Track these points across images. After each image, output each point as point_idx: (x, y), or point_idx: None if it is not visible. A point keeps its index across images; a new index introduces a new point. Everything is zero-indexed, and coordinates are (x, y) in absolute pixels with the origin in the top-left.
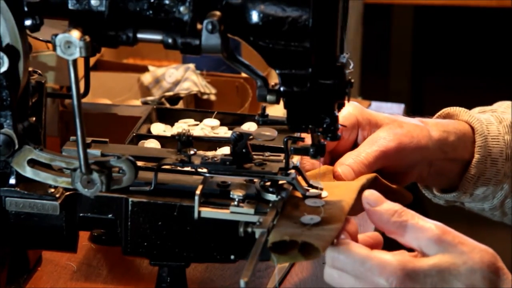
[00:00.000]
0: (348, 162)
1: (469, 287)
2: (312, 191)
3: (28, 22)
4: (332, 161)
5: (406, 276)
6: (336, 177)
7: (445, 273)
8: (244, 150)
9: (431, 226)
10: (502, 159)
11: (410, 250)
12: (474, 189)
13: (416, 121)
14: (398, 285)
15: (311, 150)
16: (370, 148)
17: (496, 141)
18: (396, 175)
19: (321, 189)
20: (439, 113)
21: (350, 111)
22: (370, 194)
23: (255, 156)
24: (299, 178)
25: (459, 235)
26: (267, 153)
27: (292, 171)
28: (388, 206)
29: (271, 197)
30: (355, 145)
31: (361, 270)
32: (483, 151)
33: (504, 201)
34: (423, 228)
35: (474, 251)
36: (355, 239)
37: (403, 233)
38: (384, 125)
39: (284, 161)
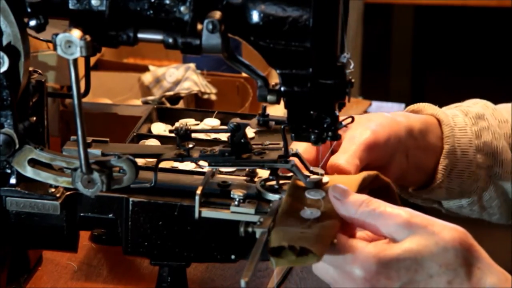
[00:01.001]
0: (341, 161)
1: (443, 266)
2: (313, 177)
3: (32, 23)
4: None
5: (379, 263)
6: (336, 170)
7: (417, 256)
8: (242, 140)
9: (399, 211)
10: (473, 150)
11: None
12: (449, 182)
13: (381, 113)
14: (372, 273)
15: (312, 137)
16: (352, 145)
17: (463, 132)
18: (379, 171)
19: (322, 175)
20: (405, 109)
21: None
22: (336, 187)
23: (254, 146)
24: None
25: (428, 217)
26: (266, 142)
27: (292, 158)
28: (355, 197)
29: (272, 196)
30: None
31: (337, 259)
32: (451, 141)
33: (481, 194)
34: (391, 214)
35: (445, 231)
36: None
37: (372, 222)
38: (354, 124)
39: (283, 149)
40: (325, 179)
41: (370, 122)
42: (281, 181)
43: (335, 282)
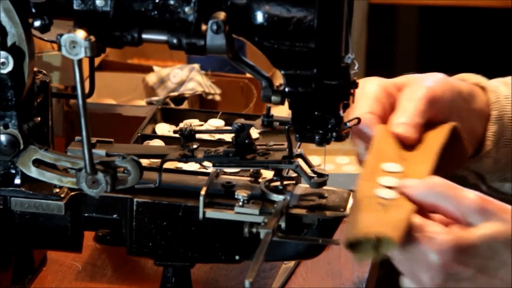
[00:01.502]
0: (401, 120)
1: None
2: (317, 178)
3: (37, 23)
4: None
5: (457, 250)
6: (399, 139)
7: (493, 243)
8: (246, 141)
9: (472, 195)
10: None
11: None
12: (496, 152)
13: (433, 73)
14: (449, 260)
15: (317, 137)
16: (412, 102)
17: (508, 100)
18: None
19: (327, 176)
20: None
21: (375, 89)
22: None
23: (258, 146)
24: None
25: (499, 203)
26: (270, 143)
27: (297, 159)
28: (427, 180)
29: (276, 197)
30: None
31: (412, 244)
32: (498, 106)
33: None
34: (464, 197)
35: None
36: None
37: (444, 204)
38: (409, 84)
39: (287, 149)
40: (397, 167)
41: (424, 80)
42: (285, 182)
43: (408, 268)
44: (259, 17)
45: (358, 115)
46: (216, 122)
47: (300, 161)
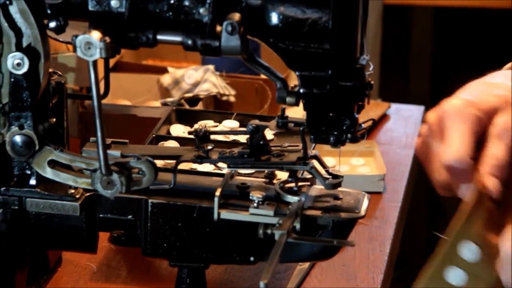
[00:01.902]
0: (487, 169)
1: None
2: (332, 180)
3: (52, 24)
4: None
5: None
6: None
7: None
8: (261, 142)
9: None
10: None
11: None
12: None
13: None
14: None
15: (331, 139)
16: (498, 144)
17: None
18: None
19: (342, 178)
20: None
21: (472, 119)
22: None
23: (272, 148)
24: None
25: None
26: (285, 144)
27: (311, 160)
28: None
29: (291, 198)
30: None
31: None
32: None
33: None
34: None
35: None
36: None
37: None
38: (501, 113)
39: (302, 151)
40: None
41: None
42: (300, 183)
43: None
44: (274, 18)
45: (455, 152)
46: (230, 123)
47: (315, 163)
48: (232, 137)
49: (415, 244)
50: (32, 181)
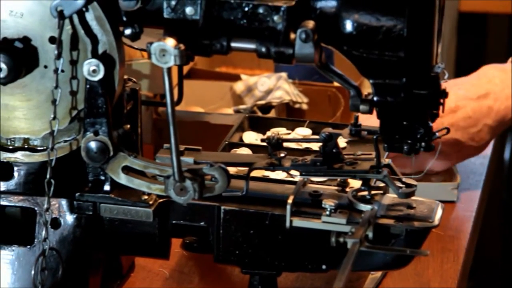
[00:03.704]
0: None
1: None
2: (406, 189)
3: (128, 31)
4: None
5: None
6: None
7: None
8: (334, 150)
9: None
10: None
11: None
12: None
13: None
14: None
15: (405, 147)
16: None
17: None
18: None
19: (415, 187)
20: None
21: None
22: None
23: (345, 156)
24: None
25: None
26: (358, 152)
27: (384, 169)
28: None
29: (364, 207)
30: None
31: None
32: None
33: None
34: None
35: None
36: None
37: None
38: None
39: (375, 159)
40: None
41: None
42: (373, 192)
43: None
44: (348, 26)
45: None
46: (303, 131)
47: (388, 171)
48: (304, 145)
49: (488, 255)
50: (106, 187)
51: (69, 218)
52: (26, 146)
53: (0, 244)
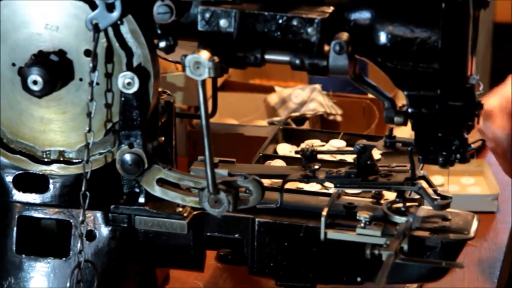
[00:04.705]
0: None
1: None
2: (441, 200)
3: (162, 44)
4: None
5: None
6: None
7: None
8: (368, 162)
9: None
10: None
11: None
12: None
13: None
14: None
15: (440, 159)
16: None
17: None
18: None
19: (451, 198)
20: None
21: None
22: None
23: (380, 168)
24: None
25: None
26: (393, 164)
27: (419, 181)
28: None
29: (398, 219)
30: None
31: None
32: None
33: None
34: None
35: None
36: None
37: None
38: None
39: (410, 171)
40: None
41: None
42: (407, 204)
43: None
44: (383, 37)
45: None
46: (337, 143)
47: (423, 183)
48: (339, 157)
49: None
50: (141, 199)
51: (104, 230)
52: (61, 159)
53: (36, 256)
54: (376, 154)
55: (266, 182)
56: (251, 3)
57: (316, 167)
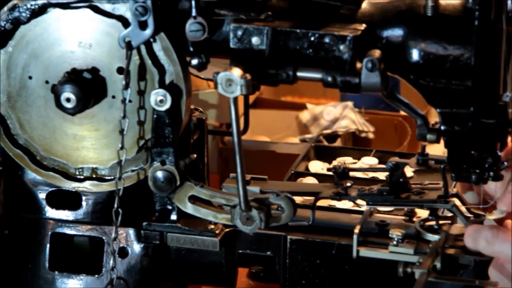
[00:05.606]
0: None
1: None
2: (474, 218)
3: (194, 62)
4: None
5: None
6: None
7: None
8: (401, 179)
9: None
10: None
11: None
12: None
13: None
14: None
15: (473, 177)
16: None
17: None
18: None
19: (484, 216)
20: None
21: None
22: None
23: (412, 185)
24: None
25: None
26: (425, 181)
27: (452, 198)
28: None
29: (431, 237)
30: None
31: None
32: None
33: None
34: None
35: None
36: None
37: None
38: None
39: (443, 189)
40: (488, 221)
41: None
42: (440, 221)
43: None
44: (415, 55)
45: None
46: (369, 160)
47: (456, 201)
48: (371, 174)
49: None
50: (173, 216)
51: (137, 247)
52: (94, 176)
53: (68, 273)
54: (409, 171)
55: (298, 199)
56: (283, 21)
57: (348, 184)
